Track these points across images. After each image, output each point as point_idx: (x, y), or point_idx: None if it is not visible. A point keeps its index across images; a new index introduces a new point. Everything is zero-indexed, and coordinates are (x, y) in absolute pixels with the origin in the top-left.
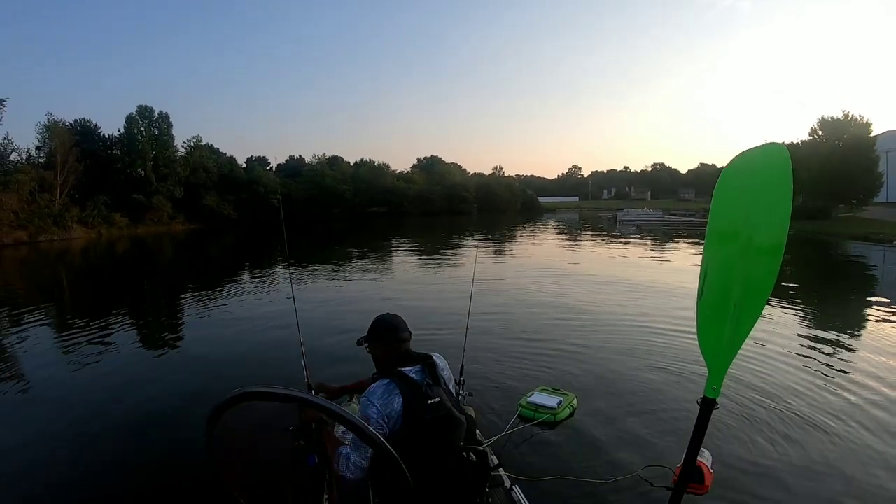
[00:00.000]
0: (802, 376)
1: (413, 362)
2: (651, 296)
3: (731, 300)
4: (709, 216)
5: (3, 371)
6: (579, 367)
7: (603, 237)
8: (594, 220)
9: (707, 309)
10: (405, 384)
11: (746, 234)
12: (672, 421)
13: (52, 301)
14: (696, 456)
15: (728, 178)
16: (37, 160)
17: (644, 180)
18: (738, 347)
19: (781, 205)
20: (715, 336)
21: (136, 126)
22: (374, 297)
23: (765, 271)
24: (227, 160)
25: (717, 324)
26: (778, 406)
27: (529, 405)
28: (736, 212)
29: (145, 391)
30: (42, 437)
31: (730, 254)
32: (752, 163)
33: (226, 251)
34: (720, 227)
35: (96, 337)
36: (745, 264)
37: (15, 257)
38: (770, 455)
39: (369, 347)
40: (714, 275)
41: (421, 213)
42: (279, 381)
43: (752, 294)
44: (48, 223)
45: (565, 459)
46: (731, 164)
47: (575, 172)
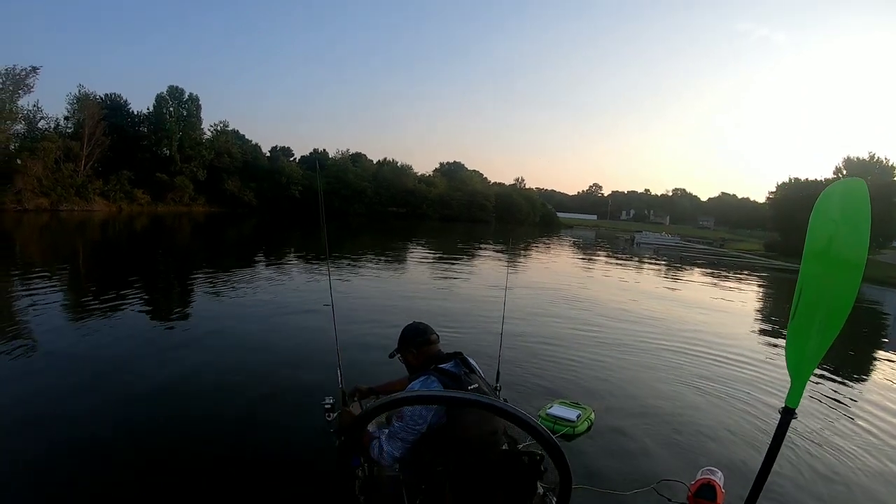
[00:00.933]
0: (807, 413)
1: (446, 360)
2: (664, 318)
3: (818, 316)
4: (806, 240)
5: (11, 332)
6: (597, 382)
7: (619, 258)
8: (611, 240)
9: (798, 325)
10: (443, 375)
11: (834, 256)
12: (686, 438)
13: (65, 268)
14: (772, 462)
15: (821, 208)
16: (64, 130)
17: (664, 205)
18: (818, 360)
19: (862, 230)
20: (801, 350)
21: (165, 105)
22: (397, 301)
23: (847, 290)
24: (252, 147)
25: (804, 339)
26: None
27: (549, 417)
28: (826, 237)
29: (145, 366)
30: (41, 397)
31: (820, 274)
32: (838, 194)
33: (244, 238)
34: (814, 251)
35: (102, 306)
36: (831, 284)
37: (35, 223)
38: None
39: (402, 357)
40: (808, 294)
41: (440, 217)
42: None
43: (836, 311)
44: (70, 193)
45: (583, 470)
46: (823, 196)
47: (595, 191)
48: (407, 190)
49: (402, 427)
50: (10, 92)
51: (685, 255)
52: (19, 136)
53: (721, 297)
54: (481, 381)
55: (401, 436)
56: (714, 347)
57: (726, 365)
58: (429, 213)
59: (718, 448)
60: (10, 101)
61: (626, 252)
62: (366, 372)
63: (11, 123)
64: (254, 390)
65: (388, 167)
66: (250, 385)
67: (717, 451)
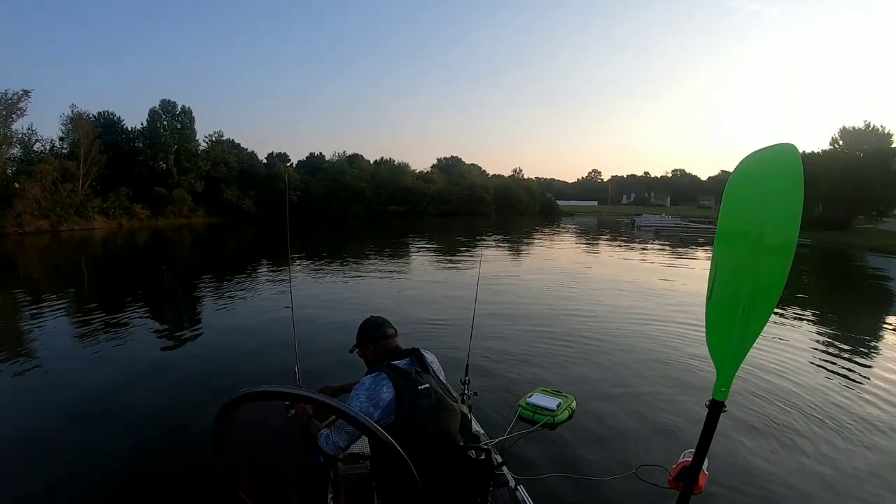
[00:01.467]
0: (810, 385)
1: (402, 356)
2: (652, 299)
3: (741, 302)
4: (718, 216)
5: (17, 351)
6: (578, 368)
7: (617, 242)
8: (612, 225)
9: (716, 310)
10: (394, 373)
11: (757, 235)
12: (668, 422)
13: (70, 287)
14: (703, 458)
15: (739, 178)
16: (60, 151)
17: (664, 186)
18: (747, 350)
19: (792, 205)
20: (724, 338)
21: (158, 120)
22: (377, 297)
23: (775, 273)
24: (248, 155)
25: (726, 325)
26: (781, 413)
27: (529, 406)
28: (746, 212)
29: (143, 380)
30: (46, 413)
31: (740, 255)
32: (763, 163)
33: (243, 246)
34: (730, 228)
35: (103, 323)
36: (754, 266)
37: (36, 245)
38: (767, 459)
39: (360, 352)
40: (723, 276)
41: (440, 213)
42: (271, 380)
43: (762, 296)
44: (70, 213)
45: (564, 458)
46: (743, 164)
47: (594, 177)
48: (405, 188)
49: (352, 430)
50: (3, 116)
51: (685, 235)
52: (15, 160)
53: None
54: (433, 381)
55: (347, 428)
56: (699, 329)
57: None
58: (428, 209)
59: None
60: (3, 125)
61: (626, 236)
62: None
63: (7, 148)
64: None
65: (385, 166)
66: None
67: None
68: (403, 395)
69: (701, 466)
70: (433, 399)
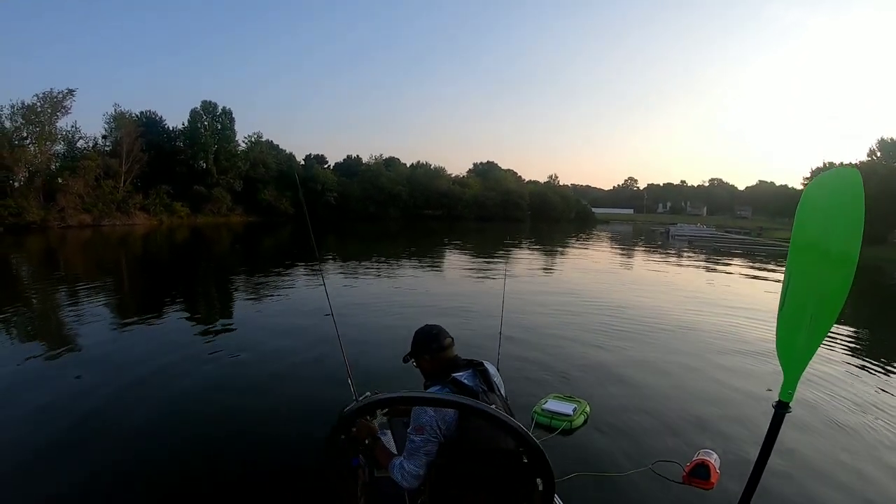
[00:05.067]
0: (835, 395)
1: (462, 368)
2: (669, 305)
3: (809, 309)
4: (792, 232)
5: (58, 339)
6: (592, 372)
7: (648, 250)
8: (647, 234)
9: (787, 317)
10: (459, 389)
11: (823, 249)
12: (681, 421)
13: (109, 279)
14: (768, 456)
15: (809, 197)
16: (103, 148)
17: (700, 195)
18: (812, 355)
19: (854, 223)
20: (792, 343)
21: (199, 120)
22: (413, 303)
23: (839, 283)
24: (287, 157)
25: (794, 331)
26: (806, 420)
27: (545, 413)
28: (815, 230)
29: (177, 376)
30: (83, 400)
31: (809, 268)
32: (829, 184)
33: (280, 245)
34: (801, 243)
35: (143, 316)
36: (821, 276)
37: (79, 238)
38: (782, 464)
39: (416, 362)
40: (795, 286)
41: (475, 217)
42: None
43: (828, 304)
44: (111, 208)
45: (581, 459)
46: (812, 186)
47: (630, 184)
48: (441, 192)
49: (424, 440)
50: (48, 114)
51: (719, 245)
52: (60, 156)
53: (737, 286)
54: (499, 400)
55: (424, 449)
56: (713, 334)
57: (730, 353)
58: (464, 214)
59: (714, 435)
60: (49, 123)
61: (660, 245)
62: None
63: (51, 144)
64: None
65: (421, 170)
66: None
67: (713, 438)
68: (469, 415)
69: (765, 464)
70: None
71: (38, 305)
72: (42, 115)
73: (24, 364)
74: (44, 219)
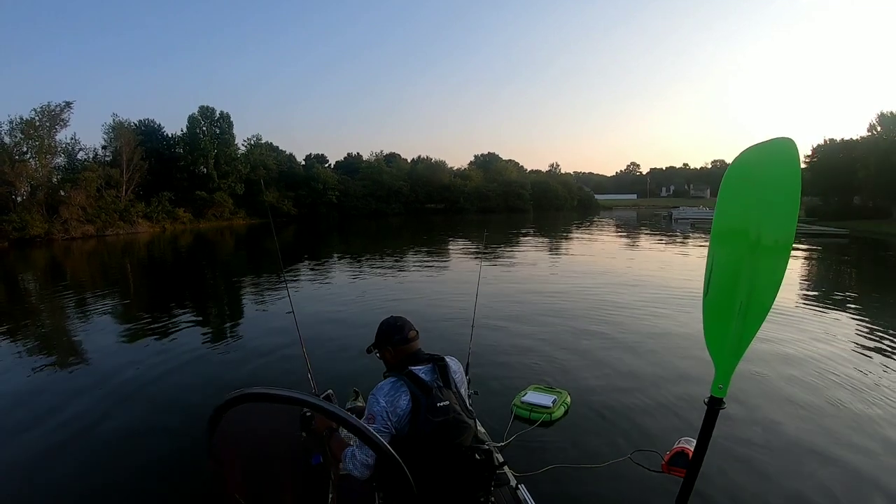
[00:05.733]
0: (832, 376)
1: (423, 363)
2: (649, 290)
3: (738, 298)
4: (715, 213)
5: (64, 347)
6: (572, 361)
7: (649, 235)
8: (650, 218)
9: (713, 307)
10: (414, 383)
11: (754, 231)
12: (661, 410)
13: (114, 288)
14: (704, 453)
15: (735, 173)
16: (103, 159)
17: (703, 178)
18: (745, 346)
19: (790, 201)
20: (721, 334)
21: (198, 125)
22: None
23: (772, 269)
24: (287, 157)
25: (723, 322)
26: (807, 400)
27: (524, 405)
28: (743, 208)
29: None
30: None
31: (736, 251)
32: (760, 157)
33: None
34: (726, 224)
35: (145, 323)
36: (751, 262)
37: (83, 249)
38: (759, 447)
39: (379, 353)
40: (720, 272)
41: (478, 209)
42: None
43: (760, 293)
44: (114, 218)
45: (561, 450)
46: (739, 159)
47: (633, 169)
48: (443, 185)
49: (375, 429)
50: (47, 128)
51: None
52: (61, 168)
53: None
54: (454, 396)
55: None
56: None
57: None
58: (466, 206)
59: (695, 422)
60: (48, 136)
61: (661, 229)
62: None
63: (52, 157)
64: None
65: (422, 164)
66: None
67: (695, 425)
68: (421, 409)
69: (701, 461)
70: (450, 417)
71: (45, 315)
72: (41, 129)
73: (34, 373)
74: (48, 232)
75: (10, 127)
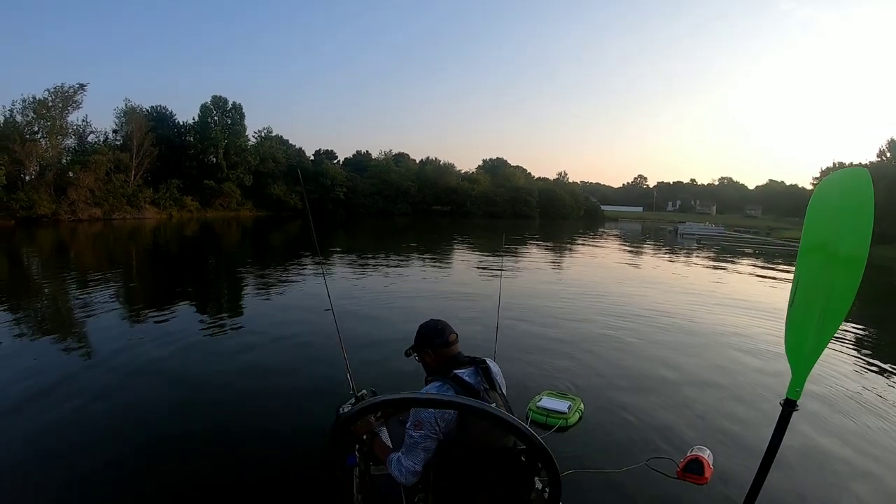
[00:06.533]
0: (836, 395)
1: (465, 365)
2: (664, 301)
3: (817, 309)
4: (802, 232)
5: (65, 329)
6: (586, 367)
7: (653, 247)
8: (656, 232)
9: (796, 316)
10: (461, 387)
11: (832, 249)
12: (673, 417)
13: (117, 270)
14: (775, 453)
15: (819, 198)
16: (113, 143)
17: (710, 194)
18: (819, 353)
19: (863, 223)
20: (801, 341)
21: (209, 115)
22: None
23: (847, 284)
24: (296, 151)
25: (803, 330)
26: (808, 417)
27: (540, 410)
28: (825, 228)
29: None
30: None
31: (818, 267)
32: (839, 184)
33: (290, 239)
34: (811, 243)
35: (153, 308)
36: (830, 277)
37: (89, 232)
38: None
39: (418, 356)
40: (804, 285)
41: (484, 214)
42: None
43: (836, 303)
44: (122, 202)
45: (577, 456)
46: (822, 185)
47: (640, 182)
48: (450, 188)
49: (423, 436)
50: (59, 109)
51: (727, 244)
52: (71, 150)
53: (740, 284)
54: (500, 398)
55: (423, 445)
56: (717, 334)
57: (727, 350)
58: (473, 210)
59: (707, 428)
60: (60, 117)
61: (667, 243)
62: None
63: (62, 139)
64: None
65: (430, 166)
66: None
67: (707, 434)
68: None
69: (771, 463)
70: None
71: (49, 295)
72: (53, 109)
73: (35, 351)
74: (55, 212)
75: (23, 106)
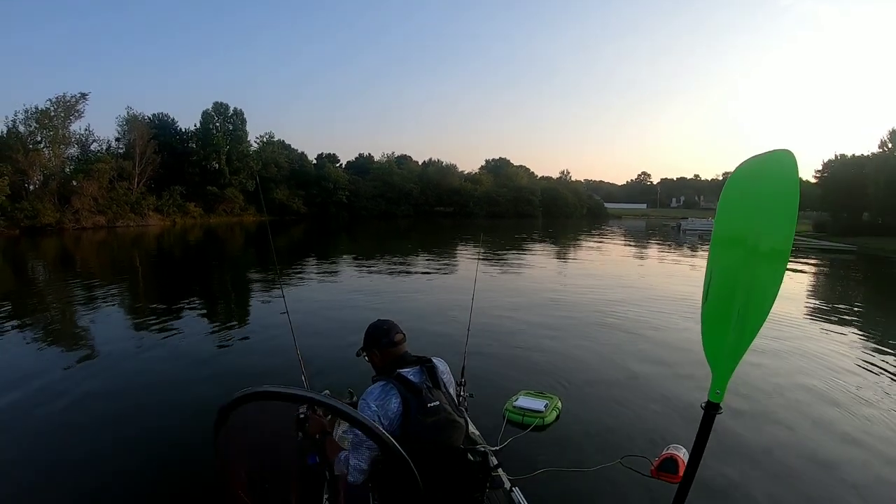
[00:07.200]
0: (832, 387)
1: (411, 364)
2: (641, 297)
3: (735, 305)
4: (714, 221)
5: (70, 334)
6: (564, 367)
7: (657, 245)
8: (659, 229)
9: (711, 313)
10: (403, 386)
11: (752, 240)
12: (649, 416)
13: (122, 277)
14: (700, 458)
15: (736, 183)
16: (116, 151)
17: (714, 189)
18: (742, 353)
19: (788, 211)
20: (719, 340)
21: (211, 121)
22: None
23: (770, 278)
24: (298, 156)
25: (720, 328)
26: (812, 412)
27: (516, 409)
28: (742, 217)
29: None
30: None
31: (735, 259)
32: (760, 168)
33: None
34: (726, 232)
35: (157, 314)
36: (749, 270)
37: (93, 239)
38: (751, 454)
39: (367, 356)
40: (718, 279)
41: (487, 214)
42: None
43: (757, 300)
44: (125, 210)
45: (553, 455)
46: (740, 169)
47: (644, 179)
48: (453, 189)
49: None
50: (62, 118)
51: None
52: (74, 158)
53: None
54: (443, 396)
55: (367, 444)
56: (683, 327)
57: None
58: (476, 210)
59: (685, 428)
60: (62, 126)
61: (669, 240)
62: None
63: (65, 148)
64: None
65: (433, 167)
66: None
67: (684, 432)
68: (411, 410)
69: (697, 466)
70: (441, 417)
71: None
72: (55, 119)
73: (39, 353)
74: (59, 221)
75: (26, 116)
